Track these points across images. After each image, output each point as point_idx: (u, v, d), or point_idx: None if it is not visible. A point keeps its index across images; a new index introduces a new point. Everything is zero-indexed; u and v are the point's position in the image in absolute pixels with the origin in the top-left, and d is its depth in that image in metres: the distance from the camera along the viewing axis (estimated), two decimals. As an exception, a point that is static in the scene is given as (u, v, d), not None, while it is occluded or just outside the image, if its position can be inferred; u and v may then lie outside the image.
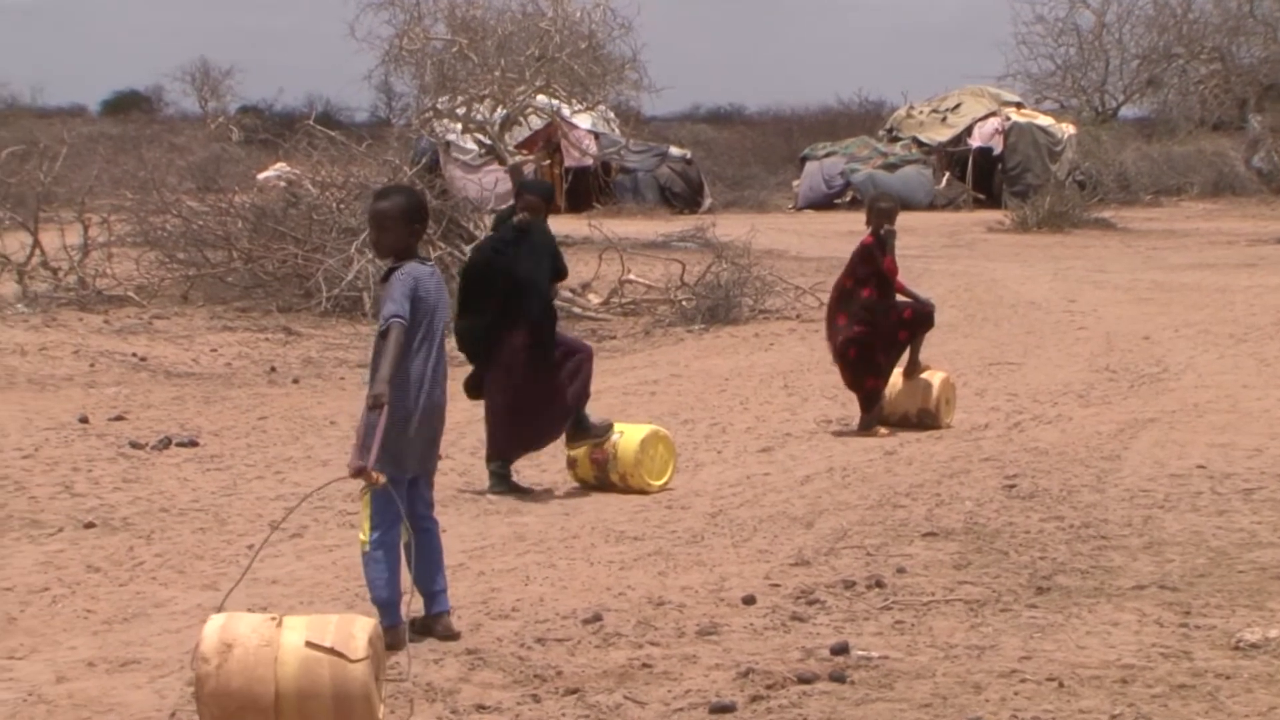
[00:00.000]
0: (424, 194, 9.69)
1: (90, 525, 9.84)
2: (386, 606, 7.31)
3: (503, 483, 11.01)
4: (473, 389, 11.31)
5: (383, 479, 7.16)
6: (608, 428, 11.11)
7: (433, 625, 7.46)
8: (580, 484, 11.23)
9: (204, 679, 6.12)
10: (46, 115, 55.00)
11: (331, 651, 6.12)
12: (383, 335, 7.31)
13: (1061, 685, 6.67)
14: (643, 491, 10.98)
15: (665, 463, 11.23)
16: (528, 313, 11.05)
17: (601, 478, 11.12)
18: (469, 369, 11.40)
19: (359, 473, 7.13)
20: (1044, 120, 49.41)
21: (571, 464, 11.26)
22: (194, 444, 12.51)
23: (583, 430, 11.09)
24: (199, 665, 6.16)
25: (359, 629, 6.25)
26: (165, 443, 12.40)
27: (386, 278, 7.57)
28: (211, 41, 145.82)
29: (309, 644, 6.14)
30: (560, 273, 11.49)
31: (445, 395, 7.59)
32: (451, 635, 7.46)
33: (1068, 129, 48.81)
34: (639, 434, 11.13)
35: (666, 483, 11.17)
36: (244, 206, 23.32)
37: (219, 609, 6.61)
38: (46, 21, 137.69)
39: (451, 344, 8.13)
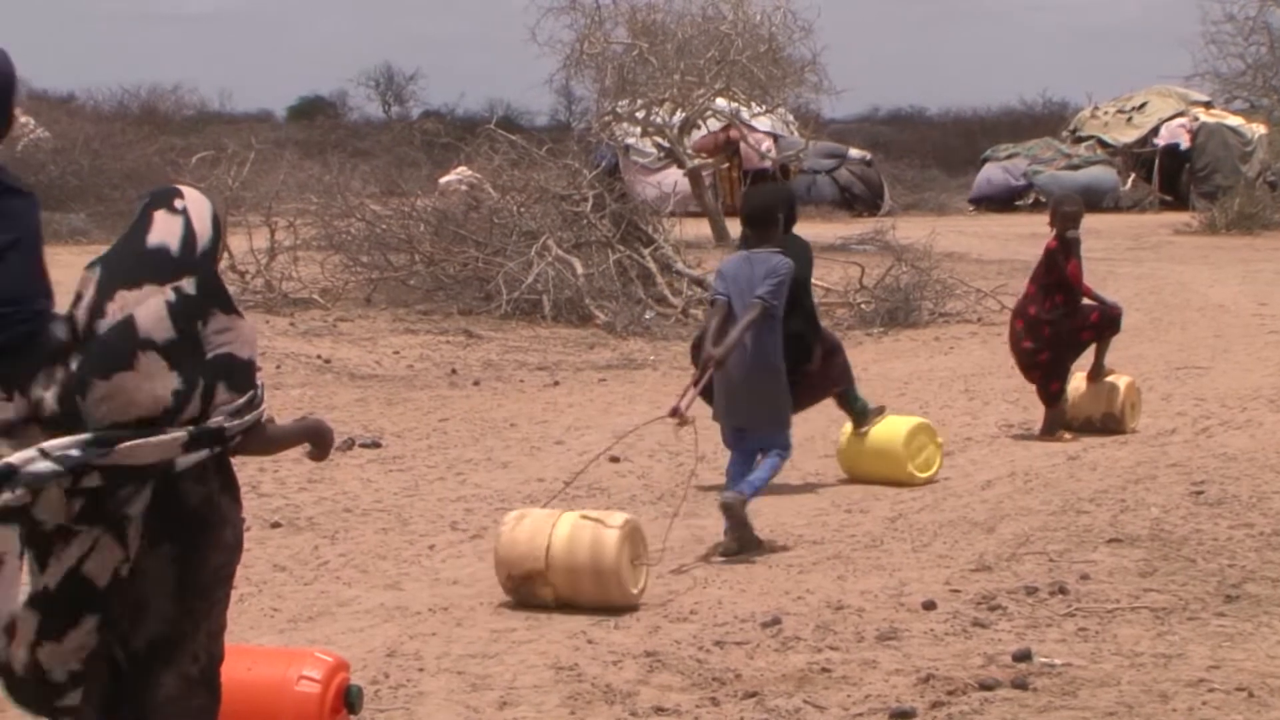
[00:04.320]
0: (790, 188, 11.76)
1: (276, 525, 10.00)
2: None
3: None
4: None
5: (690, 421, 8.97)
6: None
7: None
8: (847, 474, 11.42)
9: (500, 544, 8.07)
10: (234, 121, 56.00)
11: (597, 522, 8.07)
12: (752, 307, 9.12)
13: (1251, 695, 6.53)
14: (904, 482, 11.13)
15: (931, 457, 11.39)
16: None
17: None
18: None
19: (673, 413, 9.02)
20: (1234, 120, 48.41)
21: (840, 454, 11.47)
22: (377, 445, 12.66)
23: None
24: (499, 534, 8.12)
25: (615, 518, 8.10)
26: (349, 444, 12.55)
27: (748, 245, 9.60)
28: (395, 47, 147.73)
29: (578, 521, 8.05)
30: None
31: (748, 365, 9.23)
32: (729, 518, 9.17)
33: (1259, 129, 47.76)
34: (906, 424, 11.37)
35: (932, 476, 11.31)
36: (426, 210, 23.57)
37: (546, 505, 8.71)
38: (234, 30, 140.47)
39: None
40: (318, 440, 4.83)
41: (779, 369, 9.44)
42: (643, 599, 8.14)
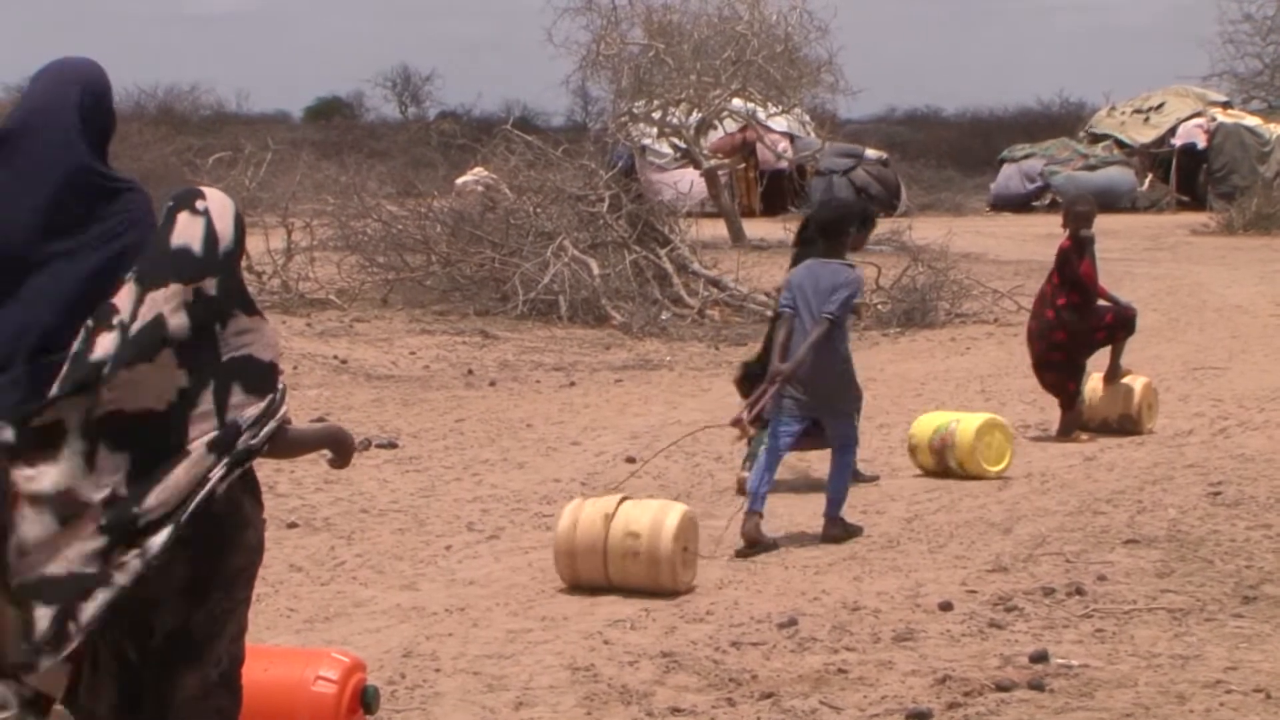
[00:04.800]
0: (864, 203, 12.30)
1: (293, 525, 10.02)
2: (750, 496, 9.47)
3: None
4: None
5: (751, 432, 9.70)
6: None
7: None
8: (921, 470, 11.62)
9: (561, 534, 8.38)
10: (251, 122, 55.95)
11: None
12: (820, 324, 9.39)
13: (1269, 696, 6.51)
14: (979, 477, 11.30)
15: (1002, 450, 11.54)
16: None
17: (940, 464, 11.52)
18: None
19: (735, 423, 9.55)
20: (1251, 120, 48.28)
21: (912, 451, 11.68)
22: (393, 445, 12.67)
23: None
24: (560, 523, 8.42)
25: (671, 511, 8.39)
26: (365, 444, 12.55)
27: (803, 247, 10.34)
28: (411, 48, 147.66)
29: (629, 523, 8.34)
30: None
31: (821, 362, 9.45)
32: (828, 537, 9.54)
33: (1276, 129, 47.65)
34: (975, 421, 11.53)
35: (1004, 469, 11.48)
36: (442, 211, 23.60)
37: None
38: (251, 30, 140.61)
39: None
40: (338, 447, 4.84)
41: (849, 364, 9.75)
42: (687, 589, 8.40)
